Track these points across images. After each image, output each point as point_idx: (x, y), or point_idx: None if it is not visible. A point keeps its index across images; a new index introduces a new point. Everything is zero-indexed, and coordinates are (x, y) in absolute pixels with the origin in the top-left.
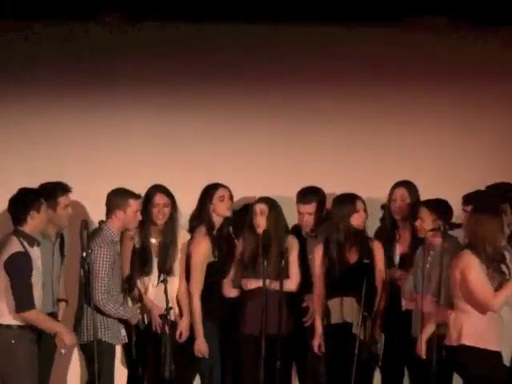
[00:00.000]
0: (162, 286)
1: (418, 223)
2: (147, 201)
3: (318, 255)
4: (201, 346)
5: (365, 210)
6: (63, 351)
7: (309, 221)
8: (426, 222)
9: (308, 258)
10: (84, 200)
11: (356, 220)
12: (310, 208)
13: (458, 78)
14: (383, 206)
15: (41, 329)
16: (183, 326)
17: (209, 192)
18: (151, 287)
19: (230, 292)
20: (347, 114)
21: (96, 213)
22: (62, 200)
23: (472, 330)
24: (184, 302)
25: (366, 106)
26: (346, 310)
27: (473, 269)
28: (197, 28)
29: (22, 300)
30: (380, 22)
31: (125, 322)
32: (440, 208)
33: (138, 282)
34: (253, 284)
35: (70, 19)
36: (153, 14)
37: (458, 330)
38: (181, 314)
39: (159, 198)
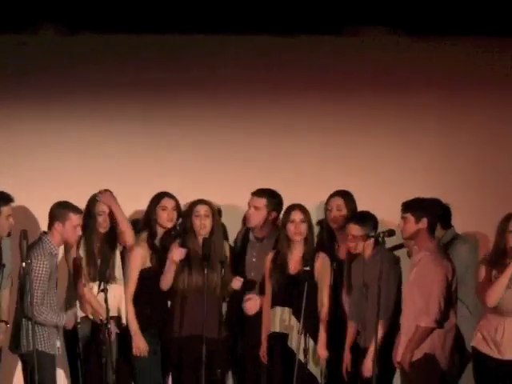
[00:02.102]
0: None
1: (350, 239)
2: (91, 208)
3: (268, 261)
4: (139, 344)
5: (304, 221)
6: None
7: (254, 216)
8: (358, 236)
9: (248, 260)
10: (32, 209)
11: (289, 230)
12: (258, 202)
13: (399, 88)
14: (319, 222)
15: None
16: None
17: (154, 200)
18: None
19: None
20: (295, 126)
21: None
22: (4, 210)
23: None
24: None
25: (312, 117)
26: (283, 320)
27: None
28: (142, 39)
29: None
30: (321, 32)
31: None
32: (368, 220)
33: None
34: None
35: (5, 31)
36: (90, 25)
37: None
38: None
39: (103, 206)
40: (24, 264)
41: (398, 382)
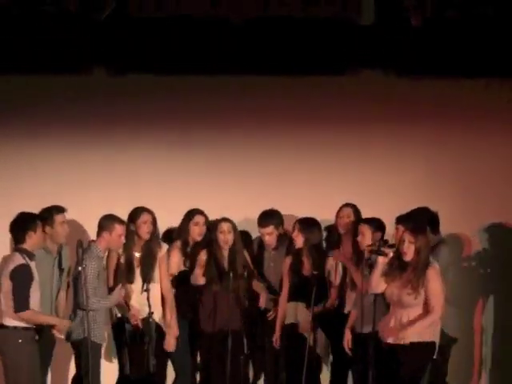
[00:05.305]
0: (145, 294)
1: (359, 238)
2: (135, 219)
3: (285, 265)
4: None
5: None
6: (63, 336)
7: (270, 240)
8: (366, 236)
9: (266, 267)
10: (80, 220)
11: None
12: (268, 230)
13: (390, 122)
14: (327, 228)
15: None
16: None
17: (187, 216)
18: (135, 293)
19: (199, 280)
20: (305, 152)
21: (91, 232)
22: (57, 218)
23: None
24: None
25: (310, 145)
26: (300, 312)
27: None
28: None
29: (20, 302)
30: (322, 74)
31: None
32: (377, 224)
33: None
34: None
35: (62, 72)
36: (138, 66)
37: None
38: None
39: (146, 216)
40: (80, 268)
41: None
